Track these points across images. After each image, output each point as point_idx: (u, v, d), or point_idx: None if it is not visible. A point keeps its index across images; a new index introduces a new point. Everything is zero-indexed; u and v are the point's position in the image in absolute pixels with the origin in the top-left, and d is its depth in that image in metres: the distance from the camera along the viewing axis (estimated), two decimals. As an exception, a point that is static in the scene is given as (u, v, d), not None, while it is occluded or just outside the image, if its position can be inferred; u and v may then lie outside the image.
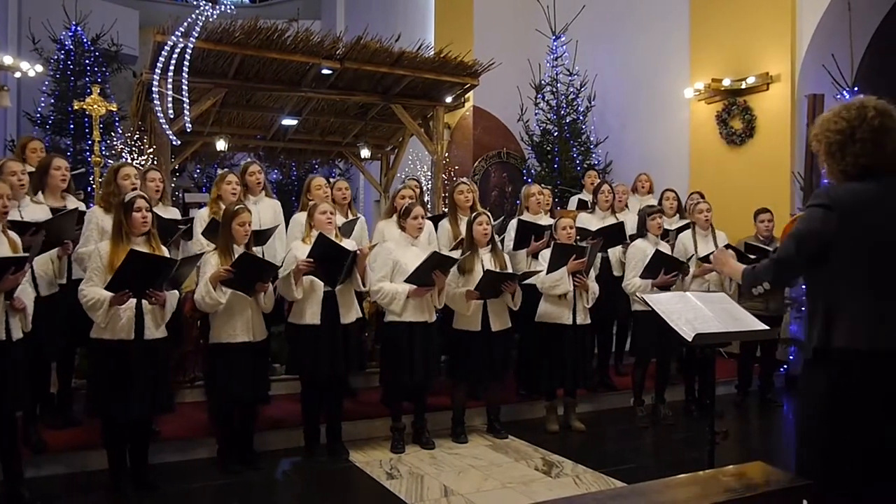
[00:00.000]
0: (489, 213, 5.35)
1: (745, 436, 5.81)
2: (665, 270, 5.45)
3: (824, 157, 2.45)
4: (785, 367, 7.09)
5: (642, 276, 5.51)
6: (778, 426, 6.19)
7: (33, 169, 4.84)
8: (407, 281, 4.81)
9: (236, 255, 4.32)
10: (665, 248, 5.70)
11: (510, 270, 5.21)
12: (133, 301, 3.91)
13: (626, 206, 6.61)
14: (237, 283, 4.32)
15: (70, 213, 4.45)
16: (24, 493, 3.89)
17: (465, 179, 6.04)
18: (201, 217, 5.22)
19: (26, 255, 3.83)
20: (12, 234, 3.91)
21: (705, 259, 5.70)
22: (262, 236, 5.05)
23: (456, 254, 5.12)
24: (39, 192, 4.66)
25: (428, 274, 4.78)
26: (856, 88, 7.37)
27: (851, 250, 2.32)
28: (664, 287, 5.43)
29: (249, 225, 4.44)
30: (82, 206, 4.85)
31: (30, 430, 4.42)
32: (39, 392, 4.63)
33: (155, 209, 4.78)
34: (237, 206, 4.48)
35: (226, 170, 5.64)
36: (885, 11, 7.72)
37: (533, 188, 6.21)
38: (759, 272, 2.57)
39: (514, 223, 5.98)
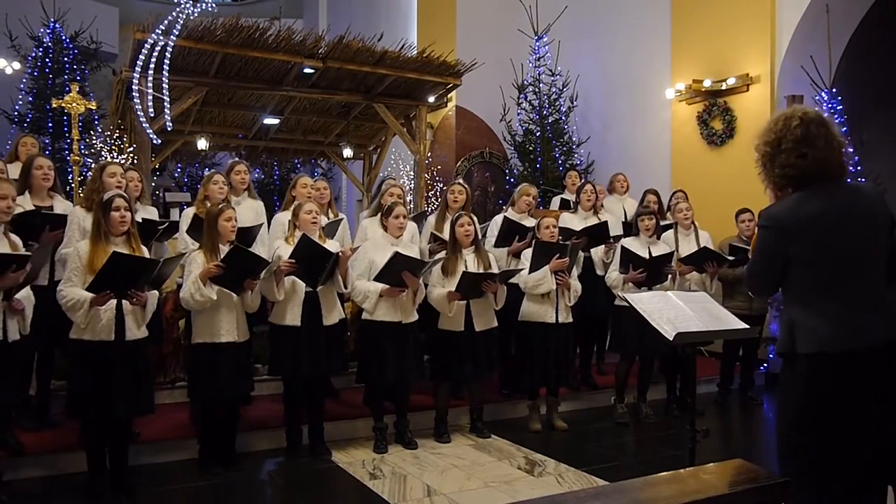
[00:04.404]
0: (472, 215, 5.33)
1: (726, 434, 5.85)
2: (633, 267, 5.48)
3: (761, 169, 2.50)
4: (765, 365, 7.15)
5: (619, 271, 5.58)
6: (758, 424, 6.24)
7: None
8: (375, 280, 4.81)
9: (223, 253, 4.29)
10: (661, 248, 5.71)
11: (494, 270, 5.19)
12: (113, 302, 3.88)
13: (602, 206, 6.61)
14: (227, 280, 4.28)
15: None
16: (2, 496, 3.84)
17: (460, 181, 6.05)
18: (187, 216, 5.19)
19: (28, 253, 3.79)
20: (13, 236, 3.89)
21: (686, 259, 5.74)
22: (247, 235, 5.02)
23: (415, 252, 4.99)
24: (27, 192, 4.61)
25: (395, 274, 4.75)
26: (834, 89, 7.45)
27: (799, 262, 2.38)
28: (636, 283, 5.46)
29: (235, 221, 4.43)
30: (70, 206, 4.79)
31: (6, 432, 4.36)
32: (18, 394, 4.59)
33: (135, 209, 4.75)
34: (221, 204, 4.47)
35: (214, 170, 5.60)
36: (863, 13, 7.80)
37: (531, 189, 6.17)
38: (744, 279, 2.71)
39: (499, 219, 5.98)
